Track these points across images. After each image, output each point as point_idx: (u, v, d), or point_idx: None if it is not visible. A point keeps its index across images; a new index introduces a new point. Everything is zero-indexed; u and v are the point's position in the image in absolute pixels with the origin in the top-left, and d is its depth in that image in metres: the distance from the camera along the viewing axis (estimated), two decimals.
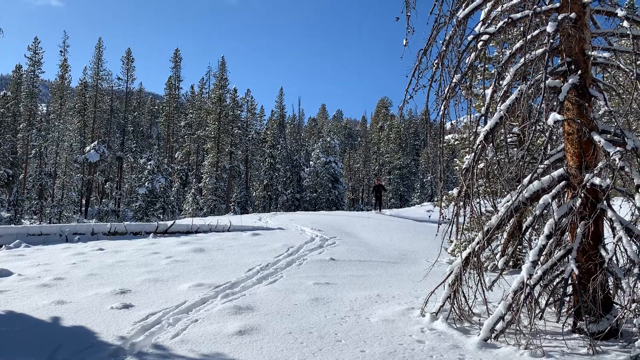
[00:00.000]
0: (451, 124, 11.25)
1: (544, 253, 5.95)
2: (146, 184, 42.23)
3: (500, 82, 6.53)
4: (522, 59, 6.06)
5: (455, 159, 13.78)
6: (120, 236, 15.32)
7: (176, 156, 59.78)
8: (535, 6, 5.77)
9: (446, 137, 11.50)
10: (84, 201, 51.65)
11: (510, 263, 9.62)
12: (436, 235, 7.28)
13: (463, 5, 6.38)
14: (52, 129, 44.87)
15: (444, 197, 12.09)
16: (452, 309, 6.51)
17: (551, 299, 6.36)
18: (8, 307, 6.97)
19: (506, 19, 6.05)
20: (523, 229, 6.83)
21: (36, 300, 7.26)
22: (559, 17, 5.76)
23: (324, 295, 7.79)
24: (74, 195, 44.10)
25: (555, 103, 6.14)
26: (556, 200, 6.26)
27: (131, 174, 56.23)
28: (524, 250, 10.35)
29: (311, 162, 51.92)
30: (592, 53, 6.23)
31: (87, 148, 51.93)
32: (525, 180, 6.19)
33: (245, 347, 5.48)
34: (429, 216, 20.23)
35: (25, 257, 11.24)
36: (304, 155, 57.47)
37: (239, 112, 53.01)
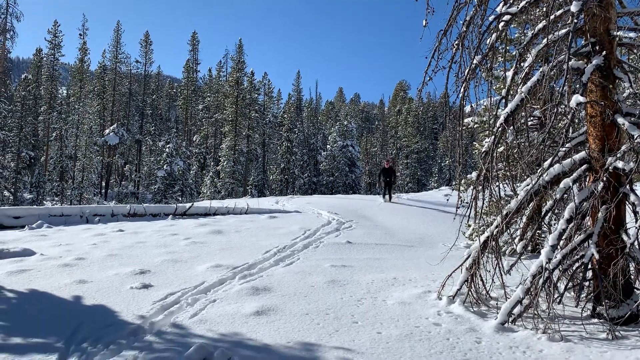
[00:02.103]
0: (471, 106, 11.09)
1: (563, 237, 5.88)
2: (165, 166, 42.63)
3: (522, 63, 6.39)
4: (545, 40, 5.92)
5: (474, 142, 13.61)
6: (139, 218, 15.53)
7: (194, 139, 60.12)
8: None
9: (465, 120, 11.35)
10: (103, 183, 52.38)
11: (529, 247, 9.52)
12: (454, 219, 7.23)
13: None
14: (72, 112, 45.40)
15: (463, 181, 11.98)
16: (470, 293, 6.48)
17: (570, 283, 6.29)
18: (31, 286, 7.14)
19: None
20: (543, 213, 6.74)
21: (58, 280, 7.41)
22: None
23: (341, 278, 7.82)
24: (93, 178, 44.73)
25: (578, 85, 6.01)
26: (577, 184, 6.16)
27: (150, 156, 56.80)
28: (543, 235, 10.24)
29: (328, 146, 51.83)
30: (618, 33, 6.05)
31: (107, 131, 52.51)
32: (546, 164, 6.09)
33: (263, 327, 5.53)
34: (447, 200, 20.04)
35: (47, 238, 11.46)
36: (320, 139, 57.38)
37: (256, 95, 52.99)
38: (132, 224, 13.82)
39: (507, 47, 8.00)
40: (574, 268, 6.15)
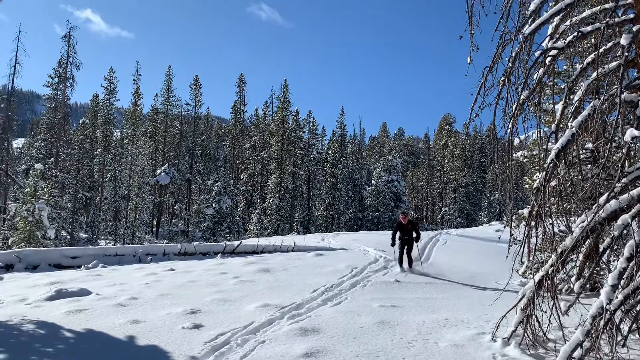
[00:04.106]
0: (519, 140, 10.91)
1: (624, 276, 5.60)
2: (213, 204, 43.53)
3: (571, 97, 6.29)
4: (595, 73, 5.81)
5: (524, 177, 13.31)
6: (190, 256, 15.84)
7: (241, 177, 61.34)
8: (607, 19, 5.53)
9: (515, 155, 11.15)
10: (155, 222, 53.87)
11: (587, 286, 9.10)
12: (506, 256, 7.03)
13: (529, 21, 6.22)
14: (126, 154, 47.37)
15: (514, 217, 11.67)
16: (525, 334, 6.23)
17: (634, 325, 5.95)
18: (88, 325, 7.35)
19: (576, 33, 5.84)
20: (600, 250, 6.48)
21: (113, 319, 7.60)
22: (634, 29, 5.50)
23: (390, 318, 7.68)
24: (146, 217, 46.13)
25: (632, 117, 5.84)
26: (636, 220, 5.90)
27: (199, 195, 58.19)
28: (601, 273, 9.78)
29: (373, 181, 51.77)
30: None
31: (158, 171, 54.36)
32: (602, 200, 5.88)
33: None
34: (499, 237, 19.54)
35: (102, 277, 11.82)
36: (365, 174, 57.38)
37: (301, 133, 53.87)
38: (183, 263, 14.09)
39: (555, 81, 7.89)
40: (637, 309, 5.83)
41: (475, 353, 6.04)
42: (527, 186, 12.19)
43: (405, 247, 13.18)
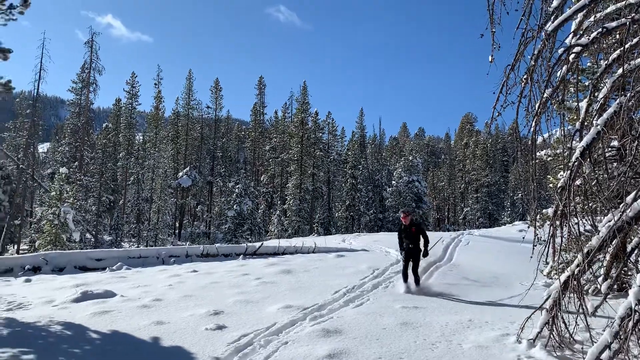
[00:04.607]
0: (543, 138, 10.75)
1: None
2: (234, 206, 43.83)
3: (596, 94, 6.18)
4: (620, 70, 5.70)
5: (548, 176, 13.11)
6: (212, 258, 15.97)
7: (262, 179, 61.64)
8: (633, 14, 5.42)
9: (538, 154, 10.99)
10: (177, 224, 54.45)
11: (615, 287, 8.92)
12: (531, 257, 6.93)
13: (552, 18, 6.12)
14: (148, 157, 48.00)
15: (538, 217, 11.50)
16: (551, 336, 6.13)
17: None
18: (113, 327, 7.46)
19: (600, 29, 5.74)
20: (628, 250, 6.34)
21: (137, 321, 7.70)
22: None
23: (413, 320, 7.63)
24: (168, 219, 46.64)
25: None
26: None
27: (220, 197, 58.61)
28: (629, 273, 9.58)
29: (393, 182, 51.53)
30: None
31: (180, 174, 54.95)
32: (629, 198, 5.76)
33: None
34: (523, 237, 19.26)
35: (126, 279, 11.99)
36: (385, 175, 57.16)
37: (320, 134, 53.93)
38: (206, 264, 14.21)
39: (579, 78, 7.75)
40: None
41: (500, 355, 5.96)
42: (550, 185, 12.01)
43: (409, 258, 10.23)
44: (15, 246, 36.50)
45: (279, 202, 54.63)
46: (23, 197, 40.71)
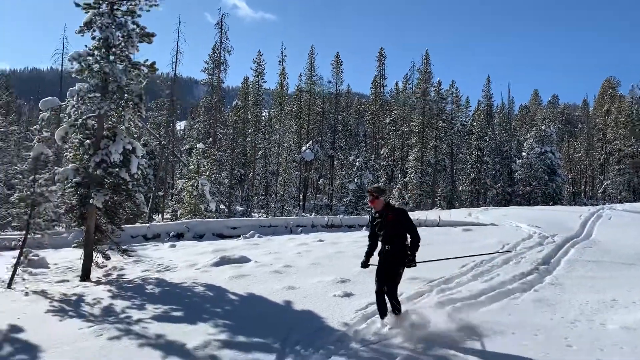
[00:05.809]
0: None
1: None
2: (355, 179, 44.33)
3: None
4: None
5: None
6: (336, 228, 16.40)
7: (382, 152, 61.44)
8: None
9: None
10: (301, 196, 56.48)
11: None
12: None
13: None
14: (274, 132, 50.07)
15: None
16: None
17: None
18: (249, 290, 8.01)
19: None
20: None
21: (271, 285, 8.19)
22: None
23: (548, 296, 7.22)
24: (293, 191, 48.53)
25: None
26: None
27: (341, 170, 59.55)
28: None
29: (523, 153, 48.48)
30: None
31: (303, 148, 56.67)
32: None
33: (467, 344, 5.38)
34: None
35: (259, 246, 12.76)
36: (515, 146, 54.01)
37: (443, 104, 52.18)
38: (330, 235, 14.62)
39: None
40: None
41: None
42: None
43: (384, 274, 6.12)
44: (160, 215, 40.35)
45: (399, 175, 54.15)
46: (165, 171, 44.75)
